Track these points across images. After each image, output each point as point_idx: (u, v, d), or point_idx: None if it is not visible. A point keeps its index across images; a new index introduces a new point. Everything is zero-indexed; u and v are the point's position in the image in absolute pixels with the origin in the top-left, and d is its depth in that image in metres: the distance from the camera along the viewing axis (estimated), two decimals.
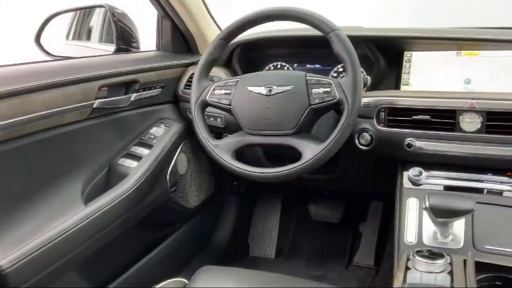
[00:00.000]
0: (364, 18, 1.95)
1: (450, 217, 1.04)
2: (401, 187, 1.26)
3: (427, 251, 0.98)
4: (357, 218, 2.03)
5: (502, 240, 1.08)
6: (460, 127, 1.18)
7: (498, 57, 1.25)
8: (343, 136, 1.10)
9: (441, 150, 1.20)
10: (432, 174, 1.24)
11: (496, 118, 1.14)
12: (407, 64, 1.35)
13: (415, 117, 1.21)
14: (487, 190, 1.18)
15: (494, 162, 1.16)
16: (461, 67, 1.29)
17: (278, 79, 1.17)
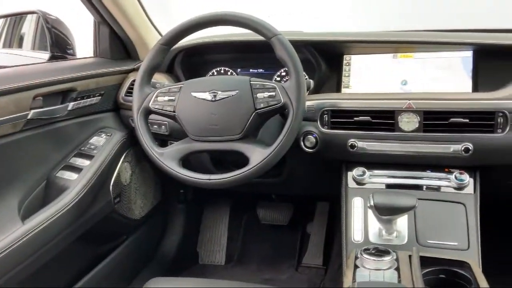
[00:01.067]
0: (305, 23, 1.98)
1: (393, 214, 1.07)
2: (346, 187, 1.29)
3: (374, 249, 1.01)
4: (304, 219, 2.06)
5: (442, 234, 1.13)
6: (399, 126, 1.22)
7: (431, 58, 1.32)
8: (289, 140, 1.11)
9: (382, 149, 1.24)
10: (375, 173, 1.28)
11: (432, 117, 1.20)
12: (346, 67, 1.39)
13: (356, 118, 1.25)
14: (426, 186, 1.23)
15: (432, 159, 1.22)
16: (397, 69, 1.34)
17: (223, 84, 1.16)
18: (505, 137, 1.15)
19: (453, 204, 1.19)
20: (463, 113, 1.17)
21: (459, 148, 1.18)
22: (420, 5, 2.40)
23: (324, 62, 1.41)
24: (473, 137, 1.17)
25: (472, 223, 1.15)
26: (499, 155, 1.17)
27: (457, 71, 1.29)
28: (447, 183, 1.22)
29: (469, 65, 1.28)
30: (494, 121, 1.16)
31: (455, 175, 1.22)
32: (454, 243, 1.12)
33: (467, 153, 1.17)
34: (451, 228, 1.15)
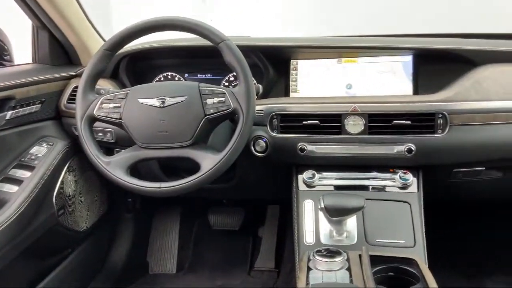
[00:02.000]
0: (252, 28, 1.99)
1: (343, 215, 1.10)
2: (297, 190, 1.31)
3: (325, 250, 1.03)
4: (256, 223, 2.07)
5: (390, 232, 1.17)
6: (346, 129, 1.26)
7: (374, 63, 1.36)
8: (240, 145, 1.11)
9: (331, 152, 1.27)
10: (324, 176, 1.30)
11: (377, 119, 1.24)
12: (294, 72, 1.41)
13: (305, 122, 1.27)
14: (372, 187, 1.27)
15: (378, 160, 1.26)
16: (342, 73, 1.38)
17: (171, 90, 1.14)
18: (445, 137, 1.21)
19: (399, 203, 1.23)
20: (405, 115, 1.22)
21: (403, 149, 1.22)
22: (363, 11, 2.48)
23: (271, 67, 1.42)
24: (415, 138, 1.22)
25: (417, 221, 1.19)
26: (440, 155, 1.23)
27: (398, 74, 1.34)
28: (392, 183, 1.26)
29: (409, 69, 1.34)
30: (435, 122, 1.21)
31: (399, 175, 1.26)
32: (401, 241, 1.16)
33: (410, 153, 1.22)
34: (398, 227, 1.19)
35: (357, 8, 2.48)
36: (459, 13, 2.39)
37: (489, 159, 1.27)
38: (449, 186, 1.38)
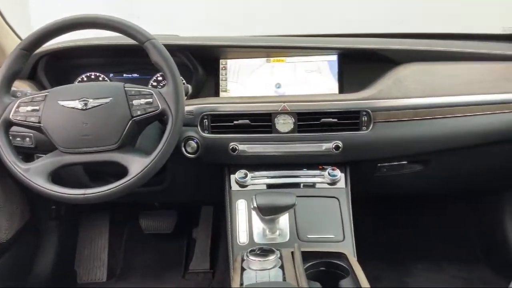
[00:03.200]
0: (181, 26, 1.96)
1: (276, 213, 1.11)
2: (229, 190, 1.30)
3: (259, 249, 1.03)
4: (189, 225, 2.04)
5: (320, 228, 1.20)
6: (276, 128, 1.27)
7: (302, 62, 1.39)
8: (170, 147, 1.08)
9: (262, 151, 1.28)
10: (256, 175, 1.31)
11: (305, 118, 1.26)
12: (223, 72, 1.40)
13: (236, 122, 1.27)
14: (303, 184, 1.30)
15: (307, 157, 1.28)
16: (271, 73, 1.39)
17: (94, 91, 1.09)
18: (369, 134, 1.26)
19: (328, 199, 1.27)
20: (332, 114, 1.26)
21: (330, 146, 1.26)
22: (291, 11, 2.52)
23: (201, 66, 1.40)
24: (342, 135, 1.26)
25: (346, 215, 1.23)
26: (365, 150, 1.28)
27: (325, 73, 1.38)
28: (322, 179, 1.30)
29: (335, 68, 1.38)
30: (359, 119, 1.26)
31: (328, 171, 1.30)
32: (331, 236, 1.19)
33: (337, 150, 1.26)
34: (328, 222, 1.22)
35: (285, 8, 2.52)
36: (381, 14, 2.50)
37: (411, 153, 1.34)
38: (375, 180, 1.44)
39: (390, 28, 1.71)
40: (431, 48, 1.37)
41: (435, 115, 1.27)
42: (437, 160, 1.38)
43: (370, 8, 2.53)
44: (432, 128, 1.28)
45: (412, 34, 1.61)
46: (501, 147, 1.38)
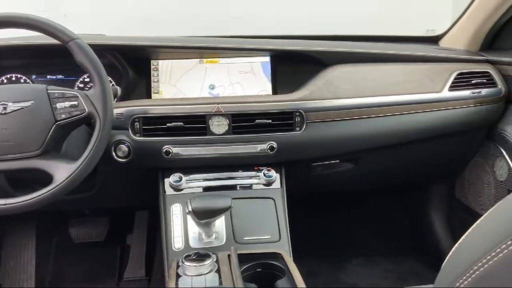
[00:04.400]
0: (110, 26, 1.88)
1: (211, 217, 1.09)
2: (163, 194, 1.27)
3: (194, 254, 1.01)
4: (123, 232, 1.97)
5: (257, 229, 1.20)
6: (211, 130, 1.25)
7: (235, 63, 1.38)
8: (98, 151, 1.03)
9: (197, 153, 1.26)
10: (191, 178, 1.28)
11: (240, 119, 1.26)
12: (155, 73, 1.36)
13: (169, 124, 1.24)
14: (239, 185, 1.29)
15: (243, 159, 1.28)
16: (205, 74, 1.37)
17: (13, 95, 1.02)
18: (303, 134, 1.28)
19: (264, 200, 1.27)
20: (266, 115, 1.26)
21: (265, 147, 1.26)
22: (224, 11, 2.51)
23: (130, 67, 1.35)
24: (277, 136, 1.27)
25: (281, 216, 1.24)
26: (299, 150, 1.30)
27: (258, 75, 1.38)
28: (257, 180, 1.30)
29: (268, 69, 1.38)
30: (293, 120, 1.27)
31: (263, 172, 1.30)
32: (267, 237, 1.19)
33: (272, 151, 1.26)
34: (264, 223, 1.22)
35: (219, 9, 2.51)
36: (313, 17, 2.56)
37: (342, 152, 1.38)
38: (310, 180, 1.46)
39: (321, 30, 1.76)
40: (358, 50, 1.42)
41: (363, 115, 1.32)
42: (367, 158, 1.43)
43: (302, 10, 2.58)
44: (361, 127, 1.32)
45: (342, 36, 1.66)
46: (426, 144, 1.45)
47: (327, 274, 1.78)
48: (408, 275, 1.78)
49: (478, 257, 0.39)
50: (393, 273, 1.79)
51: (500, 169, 1.44)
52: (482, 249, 0.39)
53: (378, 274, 1.80)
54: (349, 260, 1.86)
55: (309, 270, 1.75)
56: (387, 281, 1.74)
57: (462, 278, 0.40)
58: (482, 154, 1.54)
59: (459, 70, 1.41)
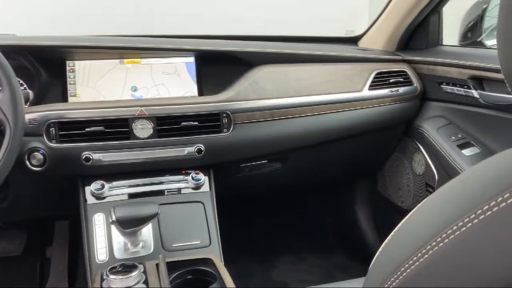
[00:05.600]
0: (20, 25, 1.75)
1: (137, 225, 1.04)
2: (84, 204, 1.20)
3: (120, 266, 0.96)
4: (42, 244, 1.84)
5: (186, 235, 1.17)
6: (135, 134, 1.20)
7: (158, 64, 1.34)
8: (9, 161, 0.95)
9: (120, 159, 1.20)
10: (115, 185, 1.22)
11: (165, 122, 1.22)
12: (71, 74, 1.28)
13: (88, 129, 1.17)
14: (167, 190, 1.25)
15: (170, 163, 1.24)
16: (126, 75, 1.31)
17: None
18: (230, 135, 1.26)
19: (193, 204, 1.24)
20: (192, 117, 1.23)
21: (193, 150, 1.23)
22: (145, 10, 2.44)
23: (44, 69, 1.26)
24: (204, 138, 1.25)
25: (211, 219, 1.22)
26: (227, 152, 1.29)
27: (183, 76, 1.35)
28: (186, 184, 1.27)
29: (193, 70, 1.35)
30: (220, 121, 1.25)
31: (191, 175, 1.27)
32: (197, 242, 1.17)
33: (200, 154, 1.24)
34: (193, 228, 1.20)
35: (140, 8, 2.43)
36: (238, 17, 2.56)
37: (270, 152, 1.39)
38: (238, 181, 1.46)
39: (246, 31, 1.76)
40: (283, 51, 1.43)
41: (288, 115, 1.33)
42: (294, 157, 1.45)
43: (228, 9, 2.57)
44: (287, 127, 1.34)
45: (267, 36, 1.67)
46: (349, 142, 1.50)
47: (258, 274, 1.79)
48: (334, 270, 1.83)
49: (406, 256, 0.40)
50: (321, 268, 1.84)
51: (418, 163, 1.52)
52: (410, 248, 0.40)
53: (306, 270, 1.84)
54: (279, 258, 1.89)
55: (240, 272, 1.74)
56: (315, 276, 1.79)
57: (390, 279, 0.41)
58: (401, 149, 1.62)
59: (377, 70, 1.47)
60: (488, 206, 0.35)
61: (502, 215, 0.34)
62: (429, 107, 1.52)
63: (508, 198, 0.34)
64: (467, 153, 1.32)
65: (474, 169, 0.42)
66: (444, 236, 0.37)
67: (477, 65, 1.24)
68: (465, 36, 1.49)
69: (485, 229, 0.35)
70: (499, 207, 0.34)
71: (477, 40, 1.46)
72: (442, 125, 1.43)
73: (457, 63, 1.33)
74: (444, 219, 0.38)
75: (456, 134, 1.38)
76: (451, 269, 0.37)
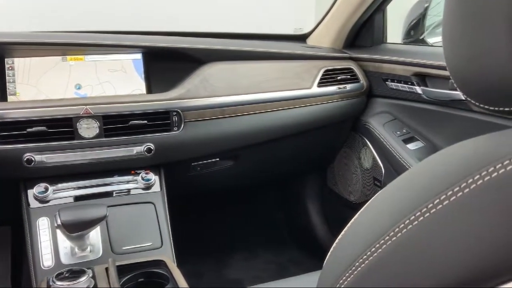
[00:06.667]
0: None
1: (84, 229, 1.01)
2: (27, 208, 1.14)
3: (67, 272, 0.93)
4: None
5: (137, 237, 1.14)
6: (80, 134, 1.16)
7: (104, 61, 1.29)
8: None
9: (64, 160, 1.15)
10: (59, 188, 1.17)
11: (112, 121, 1.18)
12: (10, 72, 1.21)
13: (30, 129, 1.11)
14: (115, 192, 1.21)
15: (118, 163, 1.21)
16: (69, 73, 1.26)
17: None
18: (181, 134, 1.24)
19: (143, 205, 1.21)
20: (141, 115, 1.20)
21: (142, 149, 1.21)
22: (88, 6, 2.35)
23: None
24: (154, 137, 1.22)
25: (162, 220, 1.20)
26: (178, 151, 1.27)
27: (130, 73, 1.31)
28: (135, 185, 1.24)
29: (140, 67, 1.31)
30: (170, 120, 1.23)
31: (141, 175, 1.24)
32: (148, 244, 1.14)
33: (149, 153, 1.21)
34: (144, 229, 1.17)
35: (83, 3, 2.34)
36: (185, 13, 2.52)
37: (222, 150, 1.38)
38: (190, 180, 1.44)
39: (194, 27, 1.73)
40: (232, 48, 1.42)
41: (238, 112, 1.33)
42: (246, 155, 1.45)
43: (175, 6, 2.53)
44: (238, 125, 1.34)
45: (216, 33, 1.65)
46: (299, 138, 1.52)
47: (212, 273, 1.77)
48: (288, 265, 1.85)
49: (359, 252, 0.40)
50: (274, 264, 1.85)
51: (365, 158, 1.56)
52: (362, 244, 0.41)
53: (260, 266, 1.84)
54: (233, 256, 1.88)
55: (194, 272, 1.72)
56: (269, 272, 1.80)
57: (344, 275, 0.41)
58: (349, 145, 1.66)
59: (325, 67, 1.49)
60: (432, 204, 0.36)
61: (448, 211, 0.35)
62: (375, 103, 1.57)
63: (452, 196, 0.35)
64: (411, 147, 1.37)
65: (422, 165, 0.43)
66: (392, 234, 0.38)
67: (420, 62, 1.29)
68: (408, 34, 1.55)
69: (432, 225, 0.36)
70: (444, 204, 0.35)
71: (420, 38, 1.52)
72: (387, 121, 1.48)
73: (401, 60, 1.37)
74: (394, 215, 0.39)
75: (401, 129, 1.43)
76: (403, 264, 0.37)
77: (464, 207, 0.34)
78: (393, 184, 0.44)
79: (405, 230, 0.37)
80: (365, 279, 0.39)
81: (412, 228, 0.37)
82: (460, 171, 0.36)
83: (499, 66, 0.36)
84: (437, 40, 1.48)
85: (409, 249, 0.37)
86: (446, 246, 0.34)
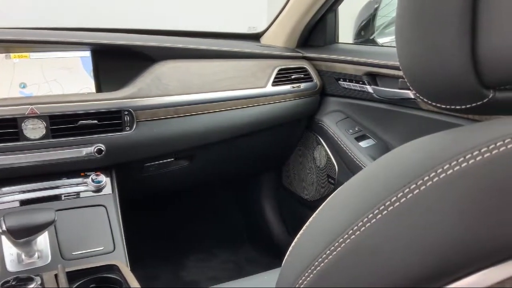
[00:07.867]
0: None
1: (31, 235, 0.96)
2: None
3: (14, 280, 0.88)
4: None
5: (88, 242, 1.10)
6: (25, 135, 1.10)
7: (50, 59, 1.23)
8: None
9: (8, 163, 1.09)
10: (4, 192, 1.11)
11: (60, 121, 1.13)
12: None
13: None
14: (64, 195, 1.17)
15: (67, 165, 1.16)
16: (13, 71, 1.19)
17: None
18: (133, 134, 1.21)
19: (94, 208, 1.17)
20: (90, 115, 1.16)
21: (92, 150, 1.17)
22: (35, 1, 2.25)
23: None
24: (105, 137, 1.18)
25: (115, 223, 1.16)
26: (131, 151, 1.23)
27: (79, 71, 1.26)
28: (85, 187, 1.19)
29: (89, 65, 1.27)
30: (122, 119, 1.20)
31: (91, 178, 1.20)
32: (100, 248, 1.10)
33: (100, 154, 1.17)
34: (96, 233, 1.13)
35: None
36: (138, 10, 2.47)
37: (176, 150, 1.36)
38: (144, 181, 1.41)
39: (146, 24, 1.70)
40: (185, 46, 1.40)
41: (192, 111, 1.31)
42: (201, 154, 1.44)
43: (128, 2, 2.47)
44: (191, 124, 1.32)
45: (169, 31, 1.62)
46: (255, 137, 1.52)
47: (167, 275, 1.75)
48: (244, 263, 1.85)
49: (317, 252, 0.40)
50: (231, 263, 1.85)
51: (320, 156, 1.59)
52: (320, 244, 0.40)
53: (217, 266, 1.83)
54: (189, 257, 1.86)
55: (149, 275, 1.69)
56: (227, 272, 1.79)
57: (303, 275, 0.41)
58: (304, 143, 1.68)
59: (280, 66, 1.50)
60: (389, 202, 0.37)
61: (404, 208, 0.36)
62: (329, 102, 1.59)
63: (408, 193, 0.36)
64: (363, 145, 1.40)
65: (378, 163, 0.43)
66: (351, 233, 0.38)
67: (371, 62, 1.32)
68: (359, 34, 1.58)
69: (389, 223, 0.36)
70: (400, 202, 0.36)
71: (370, 38, 1.55)
72: (340, 119, 1.51)
73: (353, 60, 1.40)
74: (352, 214, 0.39)
75: (353, 127, 1.46)
76: (361, 263, 0.37)
77: (420, 203, 0.35)
78: (350, 183, 0.44)
79: (363, 228, 0.37)
80: (325, 278, 0.39)
81: (370, 225, 0.37)
82: (416, 168, 0.36)
83: (449, 64, 0.37)
84: (386, 40, 1.52)
85: (367, 248, 0.37)
86: (402, 244, 0.35)
